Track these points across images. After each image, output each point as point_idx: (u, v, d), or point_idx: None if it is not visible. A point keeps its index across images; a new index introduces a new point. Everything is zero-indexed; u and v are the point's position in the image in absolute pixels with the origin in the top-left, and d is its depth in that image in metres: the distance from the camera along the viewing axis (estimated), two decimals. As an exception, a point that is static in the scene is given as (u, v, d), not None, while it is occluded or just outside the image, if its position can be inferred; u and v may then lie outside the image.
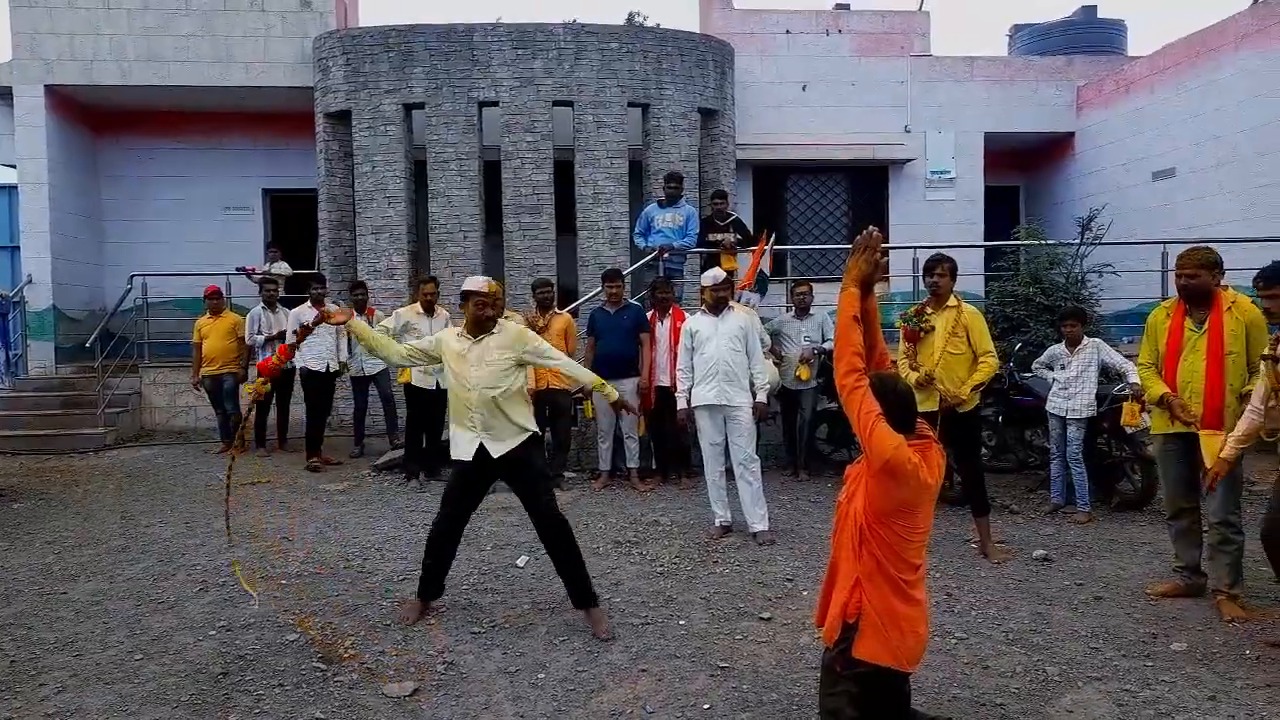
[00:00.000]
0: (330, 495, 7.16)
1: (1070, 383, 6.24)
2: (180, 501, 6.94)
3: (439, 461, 7.72)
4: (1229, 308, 4.38)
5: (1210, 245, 4.65)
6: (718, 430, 5.82)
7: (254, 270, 10.62)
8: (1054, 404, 6.34)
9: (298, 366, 8.41)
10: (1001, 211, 13.06)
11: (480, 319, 4.24)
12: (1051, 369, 6.45)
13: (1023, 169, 13.69)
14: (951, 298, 5.42)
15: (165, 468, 8.39)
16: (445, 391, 7.38)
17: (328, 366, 8.32)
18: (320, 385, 8.38)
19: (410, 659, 3.90)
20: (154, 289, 10.76)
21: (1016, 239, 8.83)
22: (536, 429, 4.38)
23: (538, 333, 7.27)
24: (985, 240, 11.60)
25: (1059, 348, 6.46)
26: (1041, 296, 7.85)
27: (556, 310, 7.60)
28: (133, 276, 10.65)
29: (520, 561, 5.30)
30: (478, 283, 4.28)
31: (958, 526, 5.94)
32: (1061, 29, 14.11)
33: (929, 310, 5.46)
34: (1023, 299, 7.97)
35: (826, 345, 7.58)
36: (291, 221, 12.38)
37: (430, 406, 7.38)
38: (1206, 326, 4.40)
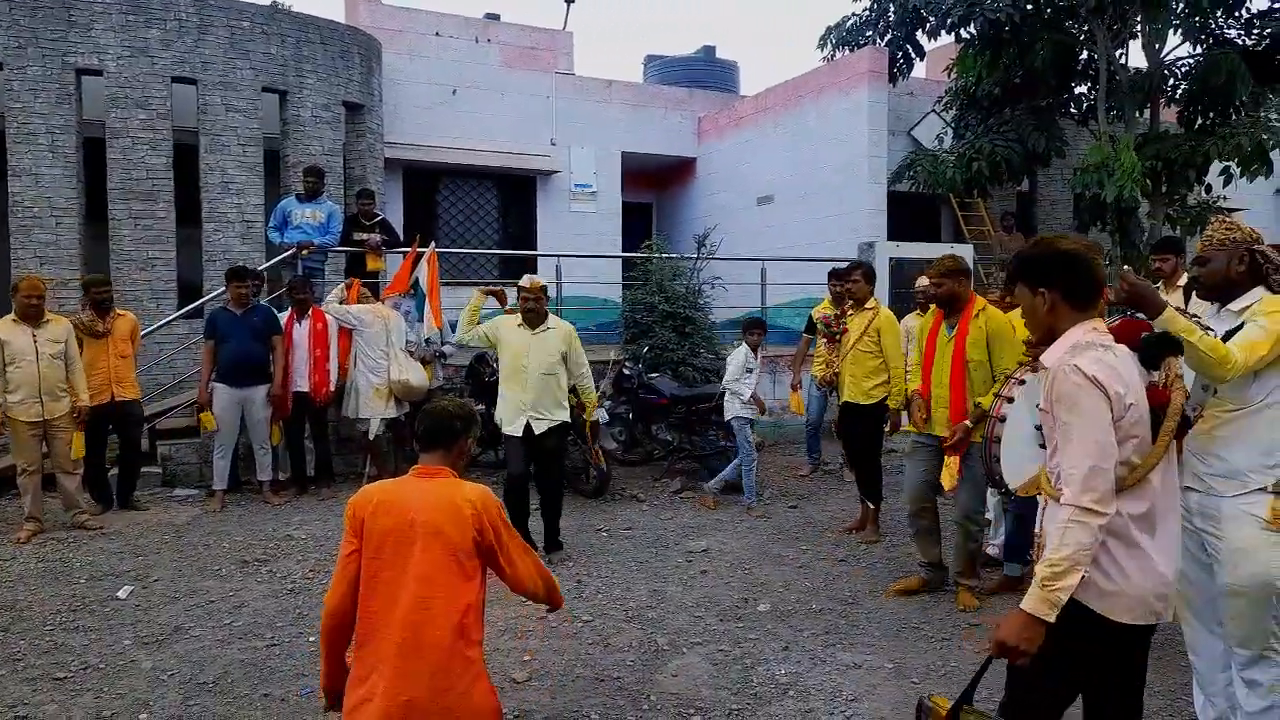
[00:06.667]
0: None
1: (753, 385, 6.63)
2: None
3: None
4: (976, 315, 4.48)
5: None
6: None
7: None
8: (744, 409, 6.58)
9: None
10: (637, 226, 14.18)
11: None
12: (751, 371, 6.65)
13: (655, 187, 14.98)
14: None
15: None
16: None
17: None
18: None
19: (-30, 720, 3.32)
20: None
21: (646, 252, 9.67)
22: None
23: (97, 338, 6.39)
24: (622, 252, 12.53)
25: (747, 352, 6.63)
26: (665, 304, 8.69)
27: (119, 311, 6.71)
28: None
29: (122, 593, 4.72)
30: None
31: (590, 517, 6.39)
32: (687, 64, 15.69)
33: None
34: (650, 306, 8.75)
35: (446, 348, 7.74)
36: None
37: None
38: (954, 333, 4.53)
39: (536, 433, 5.36)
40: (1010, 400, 3.58)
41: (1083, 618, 2.07)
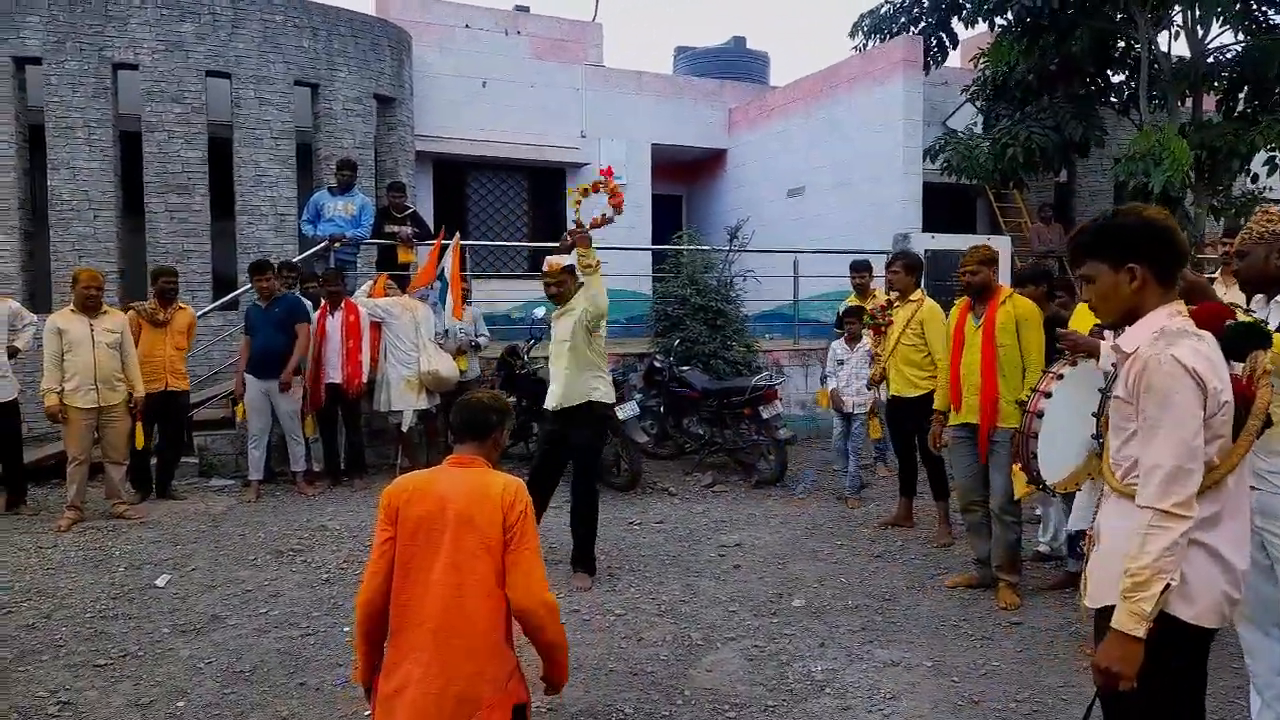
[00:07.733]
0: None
1: (852, 379, 6.54)
2: None
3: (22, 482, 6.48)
4: (1003, 302, 4.54)
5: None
6: None
7: None
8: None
9: None
10: (668, 218, 14.10)
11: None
12: (843, 364, 6.61)
13: (686, 180, 14.89)
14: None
15: None
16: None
17: None
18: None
19: (12, 705, 3.36)
20: None
21: (677, 244, 9.61)
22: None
23: (156, 327, 6.57)
24: (653, 245, 12.47)
25: (841, 344, 6.66)
26: (697, 297, 8.63)
27: (180, 304, 6.88)
28: None
29: (160, 581, 4.77)
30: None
31: (622, 511, 6.35)
32: (717, 55, 15.55)
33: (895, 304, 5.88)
34: (681, 299, 8.70)
35: (480, 339, 7.71)
36: None
37: None
38: (983, 321, 4.55)
39: (558, 406, 5.00)
40: (1048, 395, 3.51)
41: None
